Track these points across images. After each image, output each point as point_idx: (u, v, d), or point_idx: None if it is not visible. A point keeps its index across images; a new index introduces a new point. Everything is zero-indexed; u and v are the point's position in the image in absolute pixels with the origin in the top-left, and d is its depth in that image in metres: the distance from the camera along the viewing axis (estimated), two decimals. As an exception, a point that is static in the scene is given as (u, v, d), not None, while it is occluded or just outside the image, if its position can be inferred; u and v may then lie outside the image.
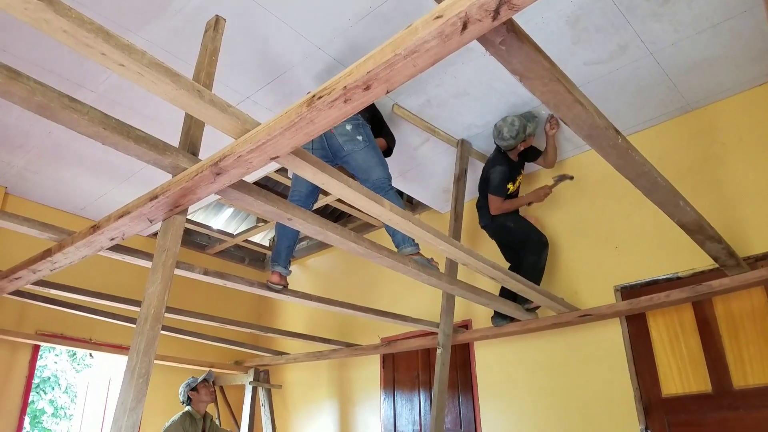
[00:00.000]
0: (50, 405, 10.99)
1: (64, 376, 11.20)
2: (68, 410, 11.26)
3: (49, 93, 1.74)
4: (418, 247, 3.17)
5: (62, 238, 2.68)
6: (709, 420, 3.36)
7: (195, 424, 4.21)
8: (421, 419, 4.81)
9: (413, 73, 1.42)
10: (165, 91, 1.65)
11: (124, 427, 1.82)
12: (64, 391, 11.12)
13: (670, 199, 2.38)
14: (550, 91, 1.64)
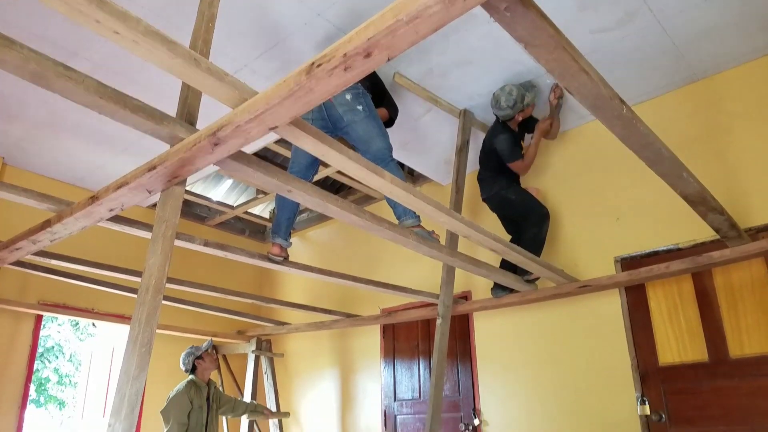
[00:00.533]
0: (55, 373, 11.15)
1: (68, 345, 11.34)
2: (73, 378, 11.43)
3: (44, 61, 1.70)
4: (419, 220, 3.16)
5: (61, 209, 2.67)
6: (704, 388, 3.40)
7: (200, 391, 4.26)
8: (420, 387, 4.88)
9: (415, 40, 1.38)
10: (161, 59, 1.62)
11: (127, 395, 1.84)
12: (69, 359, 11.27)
13: (673, 171, 2.36)
14: (555, 60, 1.60)
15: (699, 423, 3.37)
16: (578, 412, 3.84)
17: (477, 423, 4.33)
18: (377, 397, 5.16)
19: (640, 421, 3.55)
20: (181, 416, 4.04)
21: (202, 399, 4.22)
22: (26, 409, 4.56)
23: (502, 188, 3.97)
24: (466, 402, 4.51)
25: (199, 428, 4.14)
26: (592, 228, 4.08)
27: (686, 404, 3.45)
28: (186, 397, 4.12)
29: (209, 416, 4.28)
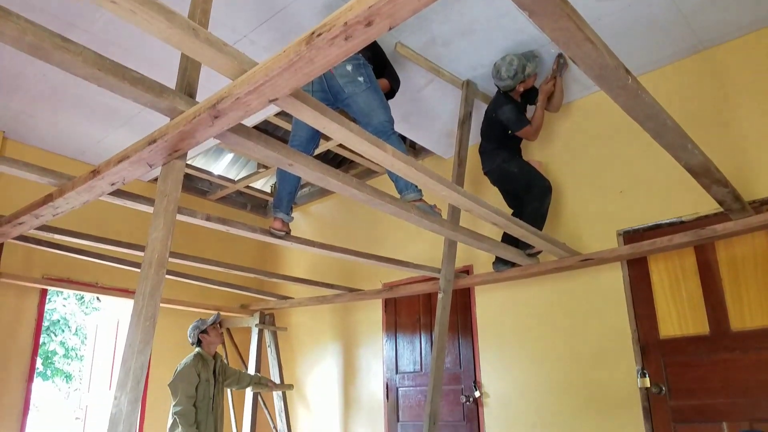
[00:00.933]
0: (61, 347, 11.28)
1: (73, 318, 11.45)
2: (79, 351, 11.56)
3: (41, 32, 1.68)
4: (421, 194, 3.15)
5: (63, 183, 2.66)
6: (704, 361, 3.43)
7: (207, 364, 4.31)
8: (422, 360, 4.92)
9: (417, 8, 1.35)
10: (159, 29, 1.59)
11: (133, 369, 1.86)
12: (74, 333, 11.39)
13: (678, 142, 2.34)
14: (559, 28, 1.57)
15: (699, 395, 3.40)
16: (578, 384, 3.88)
17: (478, 395, 4.38)
18: (379, 369, 5.21)
19: (640, 393, 3.58)
20: (188, 389, 4.10)
21: (209, 372, 4.27)
22: (33, 382, 4.63)
23: (504, 161, 3.95)
24: (467, 374, 4.55)
25: (206, 401, 4.19)
26: (594, 201, 4.07)
27: (686, 377, 3.47)
28: (193, 370, 4.17)
29: (216, 389, 4.33)
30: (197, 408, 4.12)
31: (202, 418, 4.15)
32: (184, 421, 4.01)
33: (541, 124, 3.91)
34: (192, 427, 4.03)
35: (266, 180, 6.58)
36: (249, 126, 2.15)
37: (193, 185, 6.13)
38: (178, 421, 4.03)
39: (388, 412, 5.02)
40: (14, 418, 4.41)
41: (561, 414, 3.92)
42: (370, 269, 5.28)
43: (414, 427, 4.80)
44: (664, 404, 3.51)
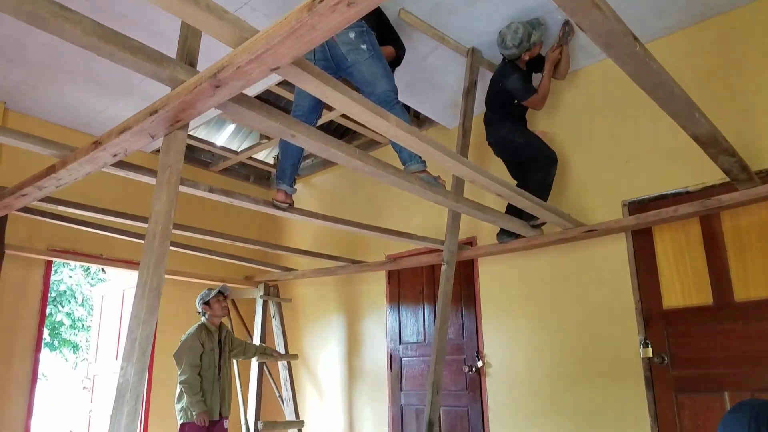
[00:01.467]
0: (68, 317, 11.40)
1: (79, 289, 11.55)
2: (86, 322, 11.69)
3: (40, 1, 1.65)
4: (425, 165, 3.13)
5: (65, 155, 2.65)
6: (707, 331, 3.44)
7: (211, 334, 4.35)
8: (425, 330, 4.96)
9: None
10: (158, -4, 1.56)
11: (138, 339, 1.87)
12: (81, 304, 11.50)
13: (685, 111, 2.31)
14: (566, -6, 1.54)
15: (701, 365, 3.43)
16: (581, 355, 3.91)
17: (480, 365, 4.43)
18: (383, 340, 5.26)
19: (643, 363, 3.61)
20: (192, 359, 4.15)
21: (213, 342, 4.32)
22: (41, 352, 4.69)
23: (510, 131, 3.91)
24: (470, 345, 4.59)
25: (211, 370, 4.25)
26: (600, 171, 4.04)
27: (689, 347, 3.49)
28: (197, 340, 4.22)
29: (221, 359, 4.39)
30: (202, 377, 4.17)
31: (208, 387, 4.21)
32: (189, 389, 4.08)
33: (548, 93, 3.87)
34: (197, 395, 4.09)
35: (269, 151, 6.56)
36: (251, 96, 2.13)
37: (196, 156, 6.11)
38: (183, 390, 4.10)
39: (391, 382, 5.09)
40: (22, 387, 4.48)
41: (563, 384, 3.96)
42: (374, 241, 5.29)
43: (417, 396, 4.87)
44: (666, 374, 3.54)
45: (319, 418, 5.63)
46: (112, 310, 5.79)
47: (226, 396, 4.39)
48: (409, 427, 4.88)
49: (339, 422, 5.43)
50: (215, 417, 4.23)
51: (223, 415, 4.32)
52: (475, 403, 4.46)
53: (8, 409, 4.37)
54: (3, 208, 3.33)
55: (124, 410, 1.80)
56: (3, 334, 4.39)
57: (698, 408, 3.38)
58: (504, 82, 3.81)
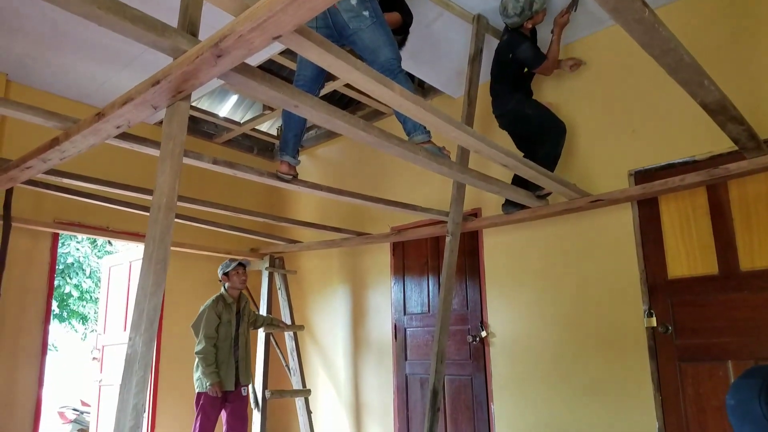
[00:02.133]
0: (76, 289, 11.51)
1: (87, 261, 11.64)
2: (94, 294, 11.81)
3: (35, -32, 1.62)
4: (429, 135, 3.10)
5: (68, 126, 2.64)
6: (712, 301, 3.45)
7: (229, 306, 4.40)
8: (430, 301, 5.00)
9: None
10: (157, -37, 1.53)
11: (146, 311, 1.89)
12: (88, 276, 11.60)
13: (694, 78, 2.27)
14: (574, -42, 1.50)
15: (705, 334, 3.44)
16: (585, 324, 3.93)
17: (484, 335, 4.46)
18: (388, 311, 5.30)
19: (647, 333, 3.63)
20: (208, 330, 4.24)
21: (231, 314, 4.39)
22: (50, 323, 4.74)
23: (519, 103, 3.86)
24: (474, 315, 4.62)
25: (227, 342, 4.32)
26: (605, 141, 4.01)
27: (693, 316, 3.51)
28: (213, 312, 4.30)
29: (239, 330, 4.44)
30: (218, 348, 4.24)
31: (223, 359, 4.28)
32: (203, 361, 4.15)
33: (558, 58, 3.83)
34: (211, 366, 4.17)
35: (272, 122, 6.52)
36: (253, 65, 2.10)
37: (199, 128, 6.08)
38: (198, 360, 4.18)
39: (396, 351, 5.14)
40: (33, 358, 4.55)
41: (566, 353, 4.00)
42: (378, 213, 5.29)
43: (421, 365, 4.93)
44: (669, 343, 3.56)
45: (325, 387, 5.72)
46: (120, 282, 5.84)
47: (242, 366, 4.45)
48: (413, 396, 4.95)
49: (345, 391, 5.52)
50: (229, 387, 4.32)
51: (242, 383, 4.44)
52: (478, 372, 4.52)
53: (20, 380, 4.45)
54: (8, 181, 3.33)
55: (133, 380, 1.82)
56: (12, 306, 4.44)
57: (701, 376, 3.41)
58: (515, 52, 3.75)
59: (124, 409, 1.81)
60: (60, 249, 10.80)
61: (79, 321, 12.37)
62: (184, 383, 5.40)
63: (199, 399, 4.24)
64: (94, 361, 5.89)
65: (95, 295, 11.72)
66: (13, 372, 4.41)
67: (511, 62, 3.81)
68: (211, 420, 4.22)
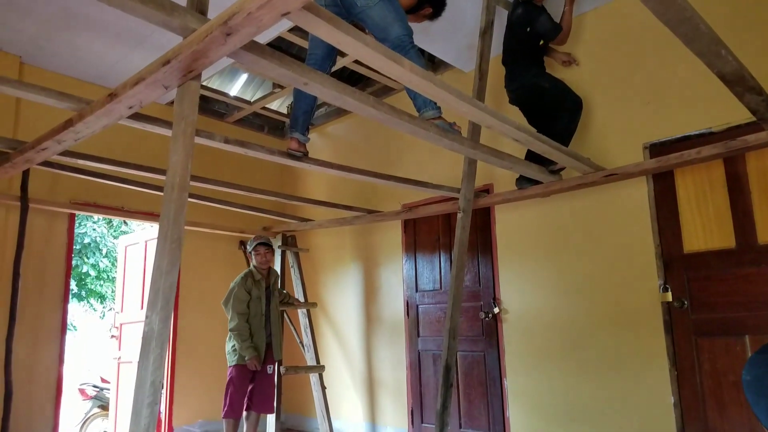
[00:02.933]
0: (93, 269, 11.68)
1: (103, 241, 11.78)
2: (111, 273, 11.98)
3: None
4: (440, 111, 3.07)
5: (82, 107, 2.65)
6: (729, 275, 3.42)
7: (258, 283, 4.48)
8: (441, 278, 5.01)
9: None
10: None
11: (162, 289, 1.91)
12: (105, 255, 11.75)
13: (711, 48, 2.22)
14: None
15: (721, 309, 3.43)
16: (599, 299, 3.93)
17: (497, 311, 4.48)
18: (399, 288, 5.32)
19: (662, 307, 3.62)
20: (238, 306, 4.34)
21: (260, 289, 4.45)
22: (68, 302, 4.83)
23: (536, 76, 3.80)
24: (486, 292, 4.63)
25: (259, 317, 4.40)
26: (620, 114, 3.95)
27: (709, 291, 3.49)
28: (242, 288, 4.39)
29: (270, 305, 4.52)
30: (250, 324, 4.32)
31: (256, 335, 4.36)
32: (238, 337, 4.28)
33: (570, 27, 3.79)
34: (246, 341, 4.29)
35: (282, 100, 6.50)
36: (262, 43, 2.09)
37: (210, 107, 6.08)
38: (233, 336, 4.27)
39: (408, 328, 5.18)
40: (53, 336, 4.64)
41: (581, 328, 4.00)
42: (389, 190, 5.28)
43: (434, 342, 4.96)
44: (685, 318, 3.55)
45: (339, 363, 5.79)
46: (136, 261, 5.92)
47: (276, 342, 4.53)
48: (426, 372, 5.00)
49: (358, 367, 5.58)
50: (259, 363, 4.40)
51: (275, 359, 4.54)
52: (491, 348, 4.54)
53: (41, 358, 4.54)
54: (24, 163, 3.36)
55: (150, 357, 1.85)
56: (32, 285, 4.52)
57: (718, 351, 3.41)
58: (533, 25, 3.68)
59: (142, 386, 1.84)
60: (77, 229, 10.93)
61: (97, 300, 12.57)
62: (200, 360, 5.50)
63: (231, 372, 4.37)
64: (113, 339, 6.00)
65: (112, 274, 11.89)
66: (35, 350, 4.50)
67: (528, 35, 3.74)
68: (240, 392, 4.33)
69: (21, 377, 4.28)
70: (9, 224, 4.37)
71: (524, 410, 4.25)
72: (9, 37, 4.28)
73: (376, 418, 5.36)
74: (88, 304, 12.62)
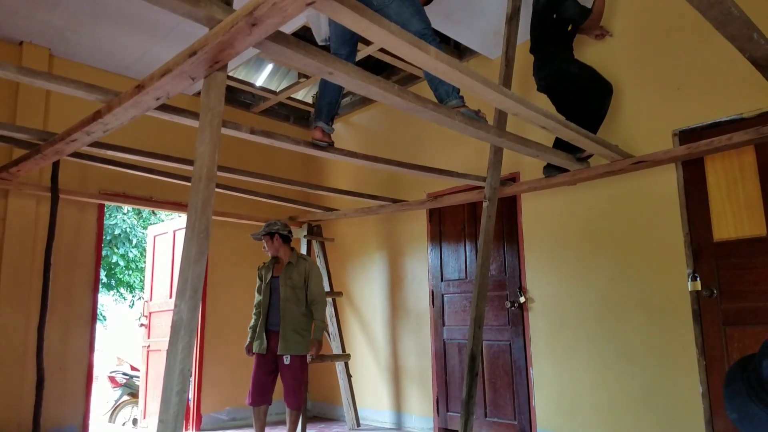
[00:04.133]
0: (122, 259, 11.90)
1: (133, 232, 11.99)
2: (139, 263, 12.20)
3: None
4: (463, 100, 3.04)
5: (110, 99, 2.69)
6: (759, 263, 3.35)
7: (267, 268, 4.39)
8: (467, 268, 4.99)
9: None
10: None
11: (190, 279, 1.94)
12: (134, 246, 11.97)
13: (743, 32, 2.16)
14: None
15: (751, 298, 3.36)
16: (626, 289, 3.88)
17: (523, 300, 4.45)
18: (425, 277, 5.32)
19: (690, 297, 3.56)
20: (257, 289, 4.43)
21: (268, 275, 4.35)
22: (98, 291, 4.94)
23: (565, 61, 3.74)
24: (512, 281, 4.61)
25: (265, 300, 4.27)
26: (650, 99, 3.88)
27: (739, 279, 3.42)
28: (257, 272, 4.47)
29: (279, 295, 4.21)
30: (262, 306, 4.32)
31: (257, 322, 4.33)
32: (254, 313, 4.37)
33: (602, 11, 3.73)
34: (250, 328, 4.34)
35: (307, 90, 6.52)
36: (287, 33, 2.09)
37: (236, 98, 6.13)
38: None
39: (434, 317, 5.18)
40: (84, 324, 4.76)
41: (608, 317, 3.96)
42: (414, 179, 5.27)
43: (459, 331, 4.96)
44: (714, 307, 3.49)
45: (364, 352, 5.82)
46: (164, 251, 6.02)
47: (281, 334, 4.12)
48: (452, 361, 5.00)
49: (384, 355, 5.61)
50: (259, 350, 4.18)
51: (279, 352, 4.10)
52: (517, 337, 4.52)
53: (72, 346, 4.66)
54: (54, 154, 3.44)
55: (179, 346, 1.88)
56: (63, 275, 4.63)
57: (748, 341, 3.34)
58: (559, 11, 3.63)
59: (171, 374, 1.88)
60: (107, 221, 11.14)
61: (126, 289, 12.82)
62: (228, 348, 5.58)
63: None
64: (142, 327, 6.12)
65: (141, 264, 12.11)
66: (66, 339, 4.62)
67: (555, 21, 3.68)
68: (258, 376, 4.16)
69: (53, 365, 4.40)
70: (40, 215, 4.48)
71: (550, 399, 4.23)
72: (38, 29, 4.36)
73: (402, 406, 5.39)
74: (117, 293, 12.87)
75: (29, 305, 4.35)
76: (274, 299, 4.26)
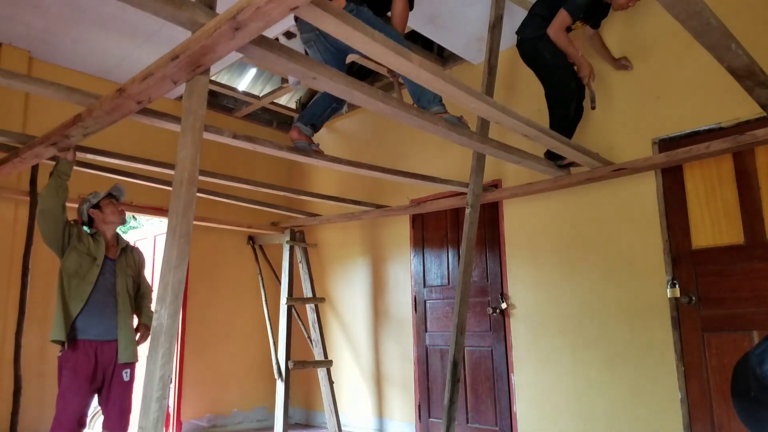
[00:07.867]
0: (103, 264, 11.77)
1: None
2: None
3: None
4: (444, 107, 3.07)
5: (91, 103, 2.66)
6: (737, 270, 3.40)
7: (97, 241, 3.26)
8: (449, 274, 5.01)
9: None
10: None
11: (171, 284, 1.91)
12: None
13: (721, 42, 2.20)
14: None
15: (729, 305, 3.41)
16: (606, 295, 3.92)
17: (504, 306, 4.47)
18: (407, 283, 5.33)
19: (670, 303, 3.61)
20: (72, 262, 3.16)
21: (98, 250, 3.21)
22: (79, 296, 4.84)
23: (541, 38, 3.62)
24: (494, 287, 4.63)
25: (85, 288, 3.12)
26: (629, 108, 3.93)
27: (717, 286, 3.47)
28: (68, 228, 3.20)
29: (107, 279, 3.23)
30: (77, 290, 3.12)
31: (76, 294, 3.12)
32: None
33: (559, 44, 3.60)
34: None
35: (290, 95, 6.50)
36: (271, 38, 2.09)
37: (218, 102, 6.09)
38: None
39: (416, 323, 5.18)
40: (65, 330, 4.66)
41: (588, 324, 3.99)
42: (398, 185, 5.28)
43: (442, 337, 4.96)
44: (693, 314, 3.54)
45: (347, 358, 5.80)
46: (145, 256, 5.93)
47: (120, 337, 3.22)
48: (434, 367, 5.00)
49: (366, 362, 5.59)
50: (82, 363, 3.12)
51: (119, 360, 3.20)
52: (499, 343, 4.54)
53: (50, 352, 4.55)
54: (33, 158, 3.38)
55: (159, 351, 1.86)
56: (41, 280, 4.54)
57: (726, 347, 3.39)
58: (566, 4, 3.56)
59: (151, 381, 1.85)
60: (86, 224, 10.94)
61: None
62: (209, 354, 5.53)
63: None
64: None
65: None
66: (44, 345, 4.52)
67: None
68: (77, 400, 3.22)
69: (31, 372, 4.31)
70: (18, 219, 4.40)
71: (531, 405, 4.25)
72: (18, 32, 4.30)
73: (384, 412, 5.37)
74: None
75: (6, 311, 4.27)
76: (103, 286, 3.19)
